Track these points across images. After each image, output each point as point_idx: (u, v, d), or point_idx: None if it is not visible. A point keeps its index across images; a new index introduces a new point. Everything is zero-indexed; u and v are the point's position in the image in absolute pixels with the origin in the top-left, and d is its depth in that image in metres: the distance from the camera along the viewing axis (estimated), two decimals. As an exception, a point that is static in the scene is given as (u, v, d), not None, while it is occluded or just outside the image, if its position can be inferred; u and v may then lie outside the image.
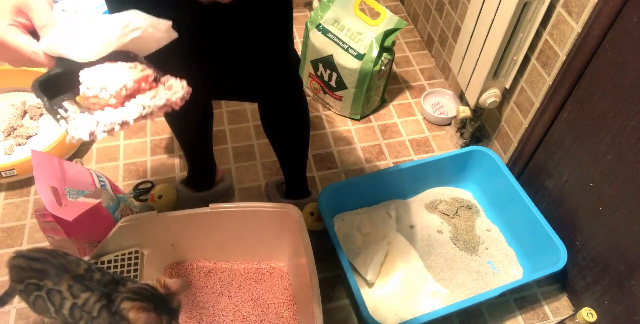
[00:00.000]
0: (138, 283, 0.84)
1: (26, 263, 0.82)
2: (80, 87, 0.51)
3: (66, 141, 0.51)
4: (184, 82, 0.55)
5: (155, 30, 0.53)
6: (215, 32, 0.83)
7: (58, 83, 0.53)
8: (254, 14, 0.83)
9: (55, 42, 0.51)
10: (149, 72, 0.53)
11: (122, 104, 0.51)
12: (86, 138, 0.50)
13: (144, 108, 0.51)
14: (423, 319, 1.06)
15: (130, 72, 0.52)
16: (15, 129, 1.53)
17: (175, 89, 0.53)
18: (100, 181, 1.22)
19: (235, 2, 0.79)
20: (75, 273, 0.81)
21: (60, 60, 0.52)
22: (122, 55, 0.53)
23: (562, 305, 1.24)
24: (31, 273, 0.81)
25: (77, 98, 0.55)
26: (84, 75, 0.51)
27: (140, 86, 0.52)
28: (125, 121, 0.50)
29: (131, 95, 0.52)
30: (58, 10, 0.53)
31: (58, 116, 0.51)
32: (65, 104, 0.53)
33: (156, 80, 0.54)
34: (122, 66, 0.52)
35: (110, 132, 0.50)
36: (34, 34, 0.53)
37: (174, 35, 0.56)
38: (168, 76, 0.55)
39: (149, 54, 0.57)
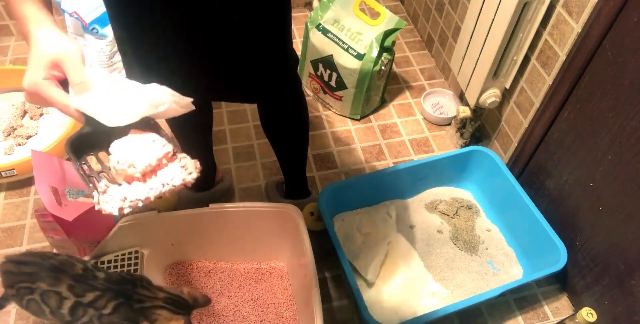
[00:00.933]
0: (166, 291, 0.86)
1: (16, 267, 0.82)
2: (111, 160, 0.59)
3: (95, 208, 0.58)
4: (197, 163, 0.63)
5: (177, 105, 0.61)
6: (215, 32, 0.83)
7: (85, 140, 0.61)
8: (253, 14, 0.83)
9: (88, 106, 0.58)
10: (169, 148, 0.61)
11: (144, 177, 0.59)
12: (116, 213, 0.57)
13: (163, 186, 0.59)
14: (423, 319, 1.06)
15: (153, 149, 0.60)
16: (15, 129, 1.53)
17: (189, 169, 0.61)
18: (100, 181, 1.22)
19: (234, 2, 0.79)
20: (74, 273, 0.81)
21: (89, 119, 0.59)
22: (144, 120, 0.61)
23: (562, 305, 1.24)
24: (22, 277, 0.81)
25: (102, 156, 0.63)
26: (114, 149, 0.60)
27: (162, 162, 0.61)
28: (148, 197, 0.58)
29: (153, 170, 0.60)
30: (87, 65, 0.59)
31: (91, 185, 0.59)
32: (94, 172, 0.61)
33: (174, 154, 0.62)
34: (146, 141, 0.61)
35: (135, 206, 0.58)
36: (63, 81, 0.59)
37: (192, 108, 0.63)
38: (184, 154, 0.63)
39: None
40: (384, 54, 1.49)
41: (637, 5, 0.89)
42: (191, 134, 1.22)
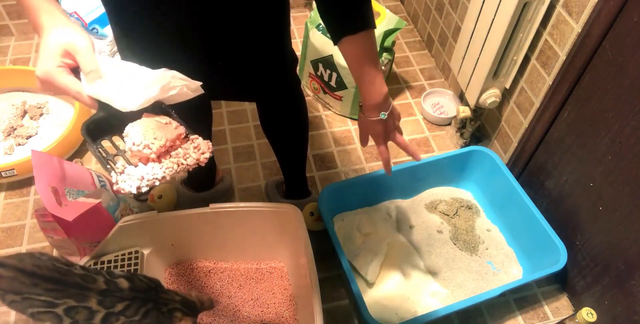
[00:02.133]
0: (179, 294, 0.88)
1: (28, 280, 0.81)
2: (127, 142, 0.62)
3: (114, 189, 0.61)
4: (210, 143, 0.66)
5: (187, 88, 0.64)
6: (213, 32, 0.83)
7: (100, 125, 0.64)
8: (252, 13, 0.83)
9: (102, 91, 0.59)
10: (181, 130, 0.65)
11: (159, 157, 0.62)
12: (134, 191, 0.60)
13: (178, 166, 0.63)
14: (423, 319, 1.06)
15: (167, 130, 0.63)
16: (15, 129, 1.53)
17: (202, 149, 0.65)
18: (100, 181, 1.22)
19: (233, 2, 0.79)
20: (99, 289, 0.82)
21: (102, 105, 0.61)
22: (155, 105, 0.63)
23: (562, 305, 1.24)
24: (39, 290, 0.80)
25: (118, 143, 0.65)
26: (129, 132, 0.62)
27: (175, 144, 0.64)
28: (164, 176, 0.61)
29: (168, 150, 0.63)
30: (97, 52, 0.61)
31: (108, 166, 0.61)
32: (110, 155, 0.64)
33: (187, 136, 0.65)
34: (159, 124, 0.63)
35: (152, 185, 0.61)
36: (76, 70, 0.60)
37: (201, 92, 0.66)
38: (196, 135, 0.66)
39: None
40: (384, 54, 1.49)
41: (637, 5, 0.89)
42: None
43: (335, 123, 1.65)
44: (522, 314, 1.22)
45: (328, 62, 1.54)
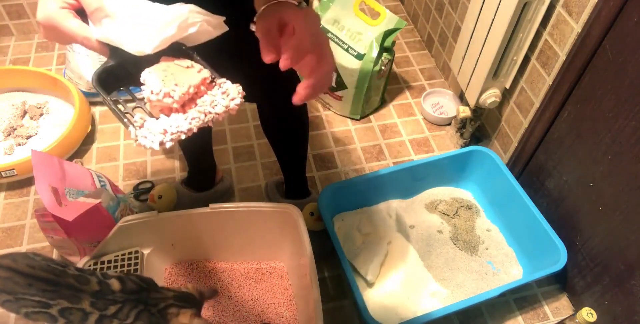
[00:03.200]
0: (172, 290, 0.87)
1: (23, 279, 0.81)
2: (144, 90, 0.53)
3: (134, 145, 0.53)
4: (240, 87, 0.57)
5: (209, 24, 0.55)
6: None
7: (112, 74, 0.55)
8: (252, 14, 0.83)
9: (111, 34, 0.52)
10: (206, 74, 0.56)
11: (183, 107, 0.54)
12: (157, 148, 0.52)
13: (205, 115, 0.54)
14: (423, 319, 1.06)
15: (190, 75, 0.54)
16: (15, 129, 1.53)
17: (232, 95, 0.56)
18: (100, 181, 1.22)
19: (234, 4, 0.79)
20: (92, 291, 0.81)
21: (114, 50, 0.53)
22: (174, 47, 0.55)
23: (562, 305, 1.24)
24: (33, 291, 0.80)
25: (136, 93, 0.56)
26: (146, 79, 0.53)
27: (200, 90, 0.55)
28: (190, 128, 0.53)
29: (192, 98, 0.54)
30: None
31: (125, 120, 0.52)
32: (128, 107, 0.54)
33: (212, 80, 0.56)
34: (180, 68, 0.54)
35: (177, 139, 0.52)
36: (82, 12, 0.53)
37: (225, 28, 0.57)
38: (224, 79, 0.57)
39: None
40: (384, 54, 1.49)
41: (637, 5, 0.89)
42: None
43: (335, 123, 1.65)
44: (522, 314, 1.22)
45: (328, 62, 1.54)
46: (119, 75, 0.56)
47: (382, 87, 1.62)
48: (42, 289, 0.80)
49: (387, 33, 1.47)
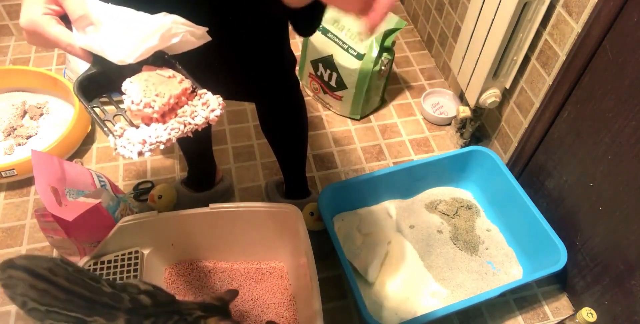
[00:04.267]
0: (195, 302, 0.90)
1: (63, 293, 0.80)
2: (125, 100, 0.54)
3: (113, 154, 0.54)
4: (220, 99, 0.57)
5: (192, 35, 0.56)
6: (212, 33, 0.83)
7: (95, 81, 0.55)
8: (252, 15, 0.83)
9: (94, 42, 0.52)
10: (187, 84, 0.56)
11: (164, 117, 0.55)
12: (135, 158, 0.53)
13: (185, 126, 0.55)
14: (423, 319, 1.06)
15: (171, 85, 0.55)
16: (15, 129, 1.53)
17: (212, 106, 0.56)
18: (100, 181, 1.22)
19: (230, 2, 0.79)
20: (125, 308, 0.82)
21: (97, 57, 0.53)
22: (157, 55, 0.56)
23: (562, 305, 1.24)
24: (69, 305, 0.80)
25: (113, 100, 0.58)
26: (127, 88, 0.54)
27: (181, 100, 0.56)
28: (169, 139, 0.54)
29: (173, 108, 0.55)
30: None
31: (105, 129, 0.53)
32: (109, 114, 0.55)
33: (193, 90, 0.57)
34: (161, 78, 0.55)
35: (156, 149, 0.53)
36: (66, 18, 0.52)
37: (208, 39, 0.58)
38: (204, 90, 0.58)
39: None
40: (384, 54, 1.49)
41: (637, 5, 0.89)
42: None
43: (335, 123, 1.65)
44: (522, 314, 1.22)
45: (328, 62, 1.54)
46: (101, 82, 0.56)
47: (382, 87, 1.62)
48: (80, 306, 0.80)
49: (387, 33, 1.47)
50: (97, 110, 0.55)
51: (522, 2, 1.08)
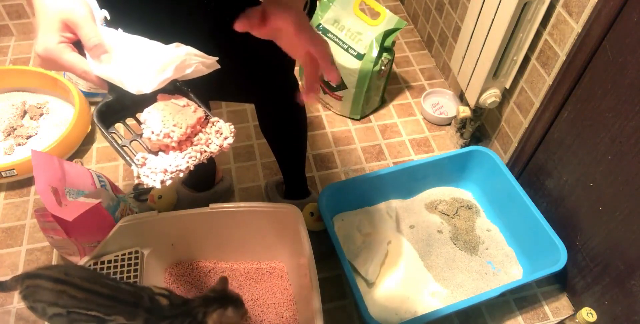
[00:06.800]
0: (197, 298, 0.91)
1: (83, 293, 0.80)
2: (145, 130, 0.57)
3: (135, 181, 0.56)
4: (232, 126, 0.60)
5: (203, 65, 0.59)
6: (211, 34, 0.83)
7: (111, 108, 0.58)
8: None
9: (110, 72, 0.54)
10: (201, 113, 0.60)
11: (180, 145, 0.58)
12: (158, 186, 0.55)
13: (201, 154, 0.58)
14: (423, 319, 1.06)
15: (186, 115, 0.58)
16: (15, 129, 1.53)
17: (225, 134, 0.60)
18: (100, 181, 1.22)
19: (229, 2, 0.79)
20: (145, 307, 0.82)
21: (113, 85, 0.55)
22: (170, 83, 0.58)
23: (562, 305, 1.24)
24: (91, 305, 0.80)
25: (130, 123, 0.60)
26: (146, 118, 0.57)
27: (196, 129, 0.59)
28: (188, 166, 0.57)
29: (188, 137, 0.58)
30: (99, 22, 0.55)
31: (128, 159, 0.56)
32: (125, 140, 0.58)
33: (206, 118, 0.61)
34: (177, 107, 0.58)
35: (176, 177, 0.56)
36: (79, 43, 0.54)
37: (217, 67, 0.61)
38: (217, 118, 0.61)
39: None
40: (384, 54, 1.49)
41: (637, 5, 0.89)
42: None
43: (335, 123, 1.65)
44: (522, 314, 1.22)
45: (328, 62, 1.54)
46: (117, 108, 0.59)
47: (382, 87, 1.62)
48: (99, 304, 0.80)
49: (387, 33, 1.47)
50: (116, 138, 0.57)
51: (522, 2, 1.08)
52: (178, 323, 0.84)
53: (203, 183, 1.37)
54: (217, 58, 0.61)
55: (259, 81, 0.97)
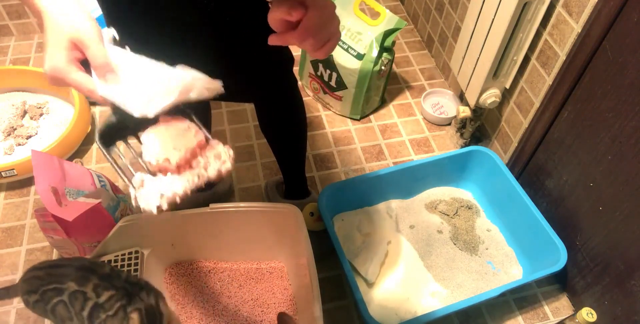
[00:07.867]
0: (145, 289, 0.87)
1: (44, 272, 0.81)
2: (144, 154, 0.57)
3: (133, 204, 0.56)
4: (230, 151, 0.60)
5: (207, 90, 0.59)
6: (208, 33, 0.83)
7: (114, 128, 0.59)
8: (249, 14, 0.83)
9: (116, 95, 0.54)
10: (201, 136, 0.60)
11: (179, 168, 0.58)
12: (154, 211, 0.55)
13: (199, 178, 0.58)
14: (423, 319, 1.06)
15: (187, 138, 0.58)
16: (15, 129, 1.53)
17: (223, 158, 0.59)
18: (100, 181, 1.22)
19: (228, 2, 0.79)
20: (102, 273, 0.81)
21: (116, 107, 0.56)
22: (173, 105, 0.58)
23: (562, 305, 1.24)
24: (50, 279, 0.80)
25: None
26: (147, 142, 0.57)
27: (196, 152, 0.59)
28: (185, 191, 0.57)
29: (187, 160, 0.58)
30: (107, 41, 0.55)
31: (126, 180, 0.56)
32: (125, 159, 0.59)
33: (207, 141, 0.61)
34: (178, 130, 0.59)
35: (172, 202, 0.56)
36: (85, 62, 0.55)
37: (221, 91, 0.61)
38: (217, 141, 0.61)
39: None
40: (384, 54, 1.49)
41: (637, 5, 0.89)
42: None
43: (335, 123, 1.65)
44: (522, 314, 1.22)
45: (328, 62, 1.54)
46: (119, 128, 0.59)
47: (382, 87, 1.62)
48: (55, 274, 0.81)
49: (387, 33, 1.47)
50: (116, 160, 0.57)
51: (522, 2, 1.08)
52: (115, 299, 0.80)
53: (203, 183, 1.36)
54: (221, 82, 0.61)
55: (259, 80, 0.97)
